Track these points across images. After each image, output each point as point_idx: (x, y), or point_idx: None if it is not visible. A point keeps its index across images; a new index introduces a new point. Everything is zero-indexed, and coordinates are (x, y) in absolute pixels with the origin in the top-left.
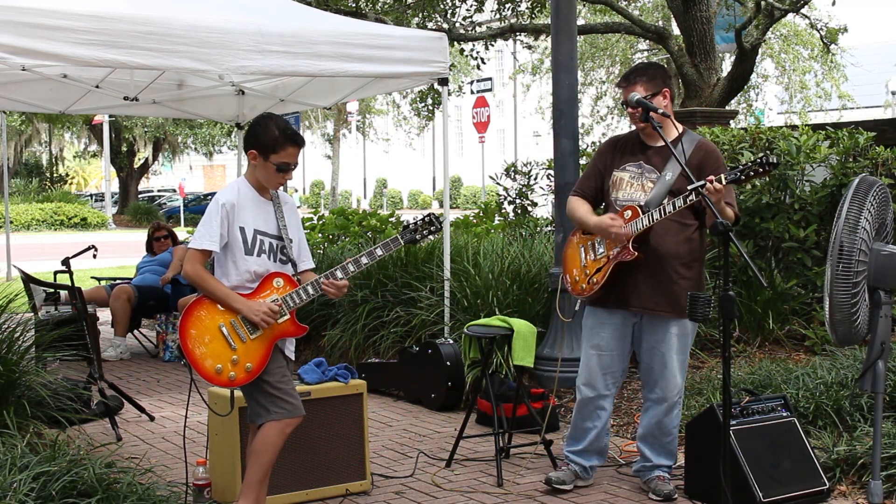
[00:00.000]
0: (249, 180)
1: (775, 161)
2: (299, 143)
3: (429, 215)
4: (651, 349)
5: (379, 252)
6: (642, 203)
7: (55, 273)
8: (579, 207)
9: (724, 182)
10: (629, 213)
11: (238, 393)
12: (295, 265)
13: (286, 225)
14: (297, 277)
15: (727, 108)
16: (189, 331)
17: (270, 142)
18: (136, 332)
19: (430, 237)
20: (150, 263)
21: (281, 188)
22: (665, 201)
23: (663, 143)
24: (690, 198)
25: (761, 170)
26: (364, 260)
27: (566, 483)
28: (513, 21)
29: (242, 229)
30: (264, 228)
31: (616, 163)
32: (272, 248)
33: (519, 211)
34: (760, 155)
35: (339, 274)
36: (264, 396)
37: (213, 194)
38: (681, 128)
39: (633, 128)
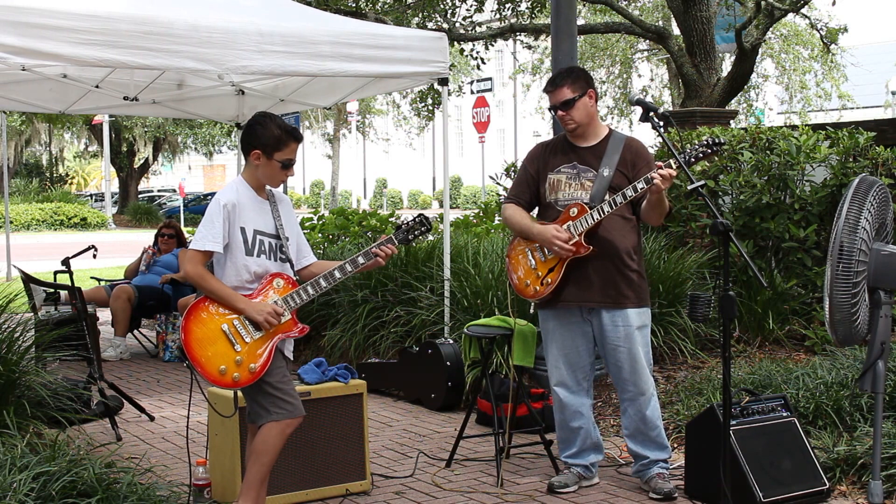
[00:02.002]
0: (247, 180)
1: (721, 140)
2: (299, 138)
3: (420, 216)
4: (615, 348)
5: (360, 260)
6: (586, 200)
7: (55, 273)
8: (517, 215)
9: (673, 167)
10: (575, 210)
11: (238, 393)
12: (292, 264)
13: (283, 224)
14: (296, 277)
15: (727, 108)
16: (191, 332)
17: (273, 140)
18: (136, 332)
19: (422, 238)
20: (152, 264)
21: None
22: (607, 196)
23: (593, 143)
24: (642, 186)
25: (709, 150)
26: (361, 259)
27: (569, 486)
28: (513, 21)
29: (243, 230)
30: (263, 228)
31: (550, 166)
32: (271, 247)
33: None
34: (705, 137)
35: (337, 274)
36: (264, 397)
37: (213, 194)
38: (607, 128)
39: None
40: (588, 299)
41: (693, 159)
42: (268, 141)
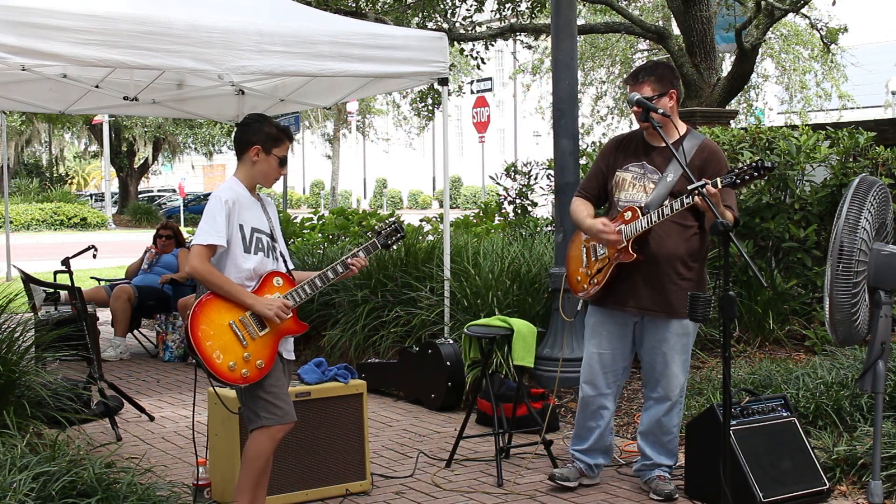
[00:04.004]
0: (242, 180)
1: (770, 165)
2: (291, 137)
3: (394, 222)
4: (653, 349)
5: (361, 255)
6: (643, 204)
7: (55, 273)
8: (578, 209)
9: (720, 185)
10: (629, 214)
11: (234, 394)
12: (287, 263)
13: (273, 226)
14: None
15: (727, 107)
16: (200, 329)
17: (272, 137)
18: (136, 332)
19: (395, 246)
20: (154, 263)
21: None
22: (665, 203)
23: (666, 144)
24: (688, 200)
25: (756, 174)
26: (339, 269)
27: (570, 480)
28: (513, 21)
29: (241, 227)
30: (259, 226)
31: (619, 163)
32: (269, 245)
33: (519, 211)
34: (756, 159)
35: (330, 275)
36: (255, 401)
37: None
38: (684, 128)
39: (638, 126)
40: (633, 305)
41: (739, 181)
42: (266, 137)
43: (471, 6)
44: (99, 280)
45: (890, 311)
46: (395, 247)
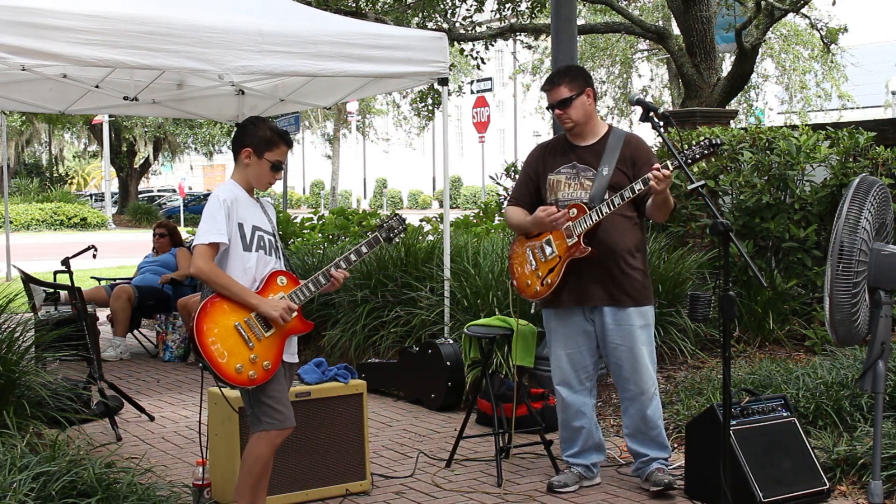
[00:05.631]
0: (238, 181)
1: (718, 142)
2: (289, 143)
3: (396, 216)
4: (617, 347)
5: (364, 249)
6: (585, 200)
7: (55, 273)
8: (514, 213)
9: (671, 168)
10: (574, 210)
11: (236, 393)
12: (288, 262)
13: (273, 226)
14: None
15: (727, 107)
16: (206, 331)
17: (264, 140)
18: (136, 332)
19: (397, 239)
20: (151, 264)
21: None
22: (607, 196)
23: (592, 142)
24: (639, 186)
25: (706, 152)
26: (353, 257)
27: (568, 485)
28: (513, 21)
29: (241, 225)
30: (261, 225)
31: (549, 167)
32: (271, 244)
33: None
34: (704, 138)
35: (333, 270)
36: (257, 406)
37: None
38: (606, 126)
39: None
40: (588, 299)
41: (690, 160)
42: (259, 140)
43: (471, 6)
44: (99, 280)
45: (890, 311)
46: (396, 240)
